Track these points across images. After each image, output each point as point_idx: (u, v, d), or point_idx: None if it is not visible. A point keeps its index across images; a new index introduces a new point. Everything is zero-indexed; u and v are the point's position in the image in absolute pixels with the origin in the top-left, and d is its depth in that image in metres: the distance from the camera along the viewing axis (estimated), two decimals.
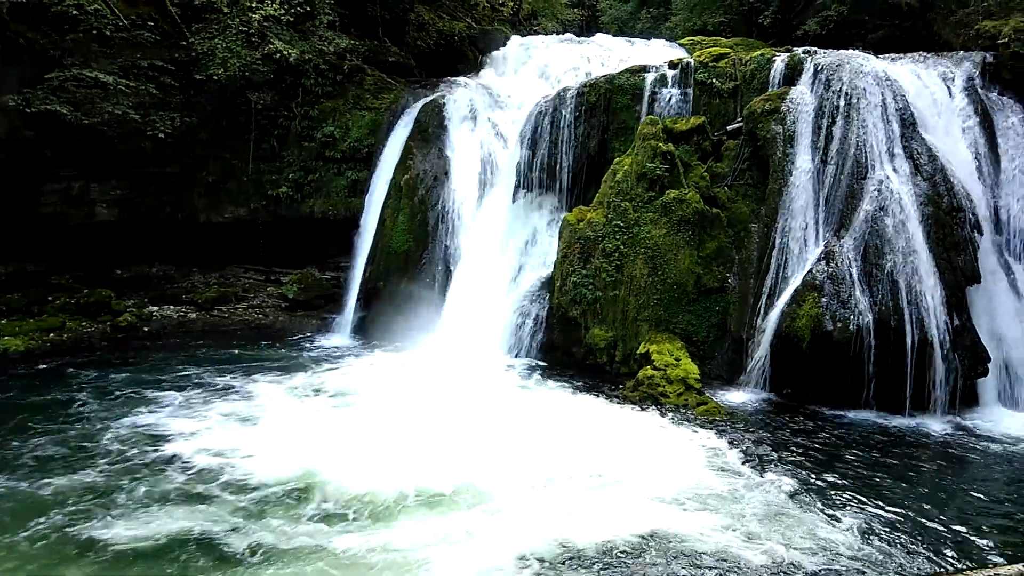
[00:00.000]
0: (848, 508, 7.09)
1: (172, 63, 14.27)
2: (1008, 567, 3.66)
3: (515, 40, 18.39)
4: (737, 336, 11.55)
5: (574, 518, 6.61)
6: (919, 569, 5.93)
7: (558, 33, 20.84)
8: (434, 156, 14.40)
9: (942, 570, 5.89)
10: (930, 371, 10.02)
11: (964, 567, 6.00)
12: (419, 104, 15.06)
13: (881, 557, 6.12)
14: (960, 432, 9.63)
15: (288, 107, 15.57)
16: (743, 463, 8.10)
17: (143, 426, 8.80)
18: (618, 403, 10.26)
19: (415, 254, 13.92)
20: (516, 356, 12.47)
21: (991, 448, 9.11)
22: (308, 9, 15.04)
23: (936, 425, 9.82)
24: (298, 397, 10.16)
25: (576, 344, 12.18)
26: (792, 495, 7.30)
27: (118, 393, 10.01)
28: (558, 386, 11.00)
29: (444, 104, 14.85)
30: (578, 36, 19.10)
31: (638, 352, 11.39)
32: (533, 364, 12.17)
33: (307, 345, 13.30)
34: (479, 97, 15.26)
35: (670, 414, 9.74)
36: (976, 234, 10.80)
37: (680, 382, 10.46)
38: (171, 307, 14.79)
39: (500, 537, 6.28)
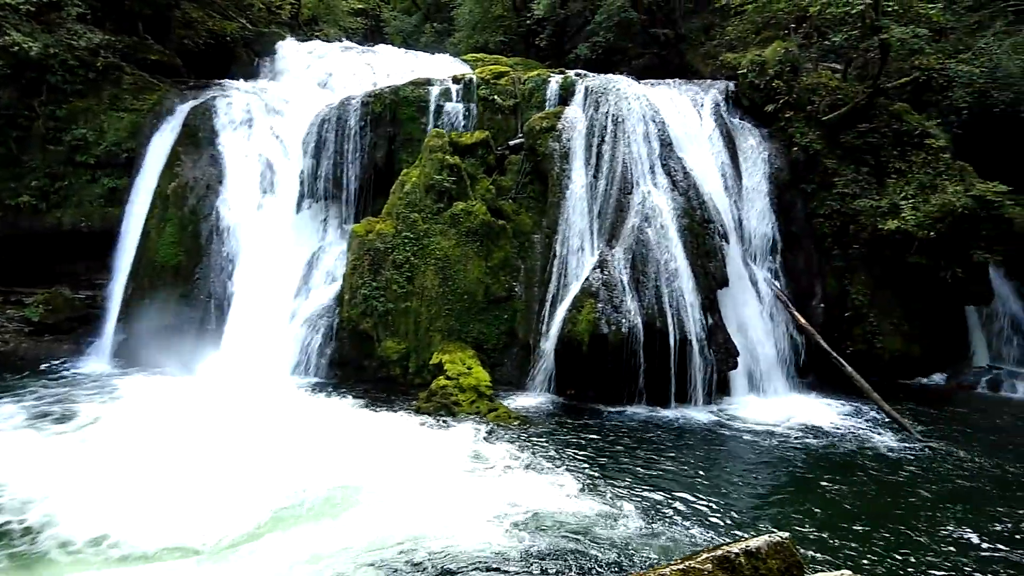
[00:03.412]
0: (627, 496, 7.61)
1: None
2: (757, 539, 4.10)
3: (295, 45, 17.69)
4: (525, 342, 12.00)
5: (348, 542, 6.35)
6: (689, 546, 6.49)
7: (340, 40, 20.40)
8: (206, 163, 13.35)
9: (705, 546, 6.49)
10: (690, 366, 11.11)
11: (723, 542, 6.67)
12: (187, 106, 13.89)
13: (657, 538, 6.64)
14: (716, 420, 10.76)
15: (30, 106, 13.61)
16: (528, 465, 8.37)
17: None
18: (411, 415, 10.17)
19: (186, 269, 12.78)
20: (305, 374, 11.93)
21: (742, 432, 10.28)
22: None
23: (697, 415, 10.88)
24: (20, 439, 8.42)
25: (368, 358, 11.93)
26: (575, 489, 7.68)
27: None
28: (349, 402, 10.65)
29: (217, 107, 13.85)
30: (361, 45, 18.83)
31: (431, 363, 11.41)
32: (323, 381, 11.74)
33: (54, 374, 11.66)
34: (256, 102, 14.43)
35: (462, 422, 9.84)
36: (724, 243, 12.17)
37: (472, 390, 10.63)
38: None
39: None
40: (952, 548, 6.73)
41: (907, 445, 9.79)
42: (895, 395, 11.67)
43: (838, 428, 10.48)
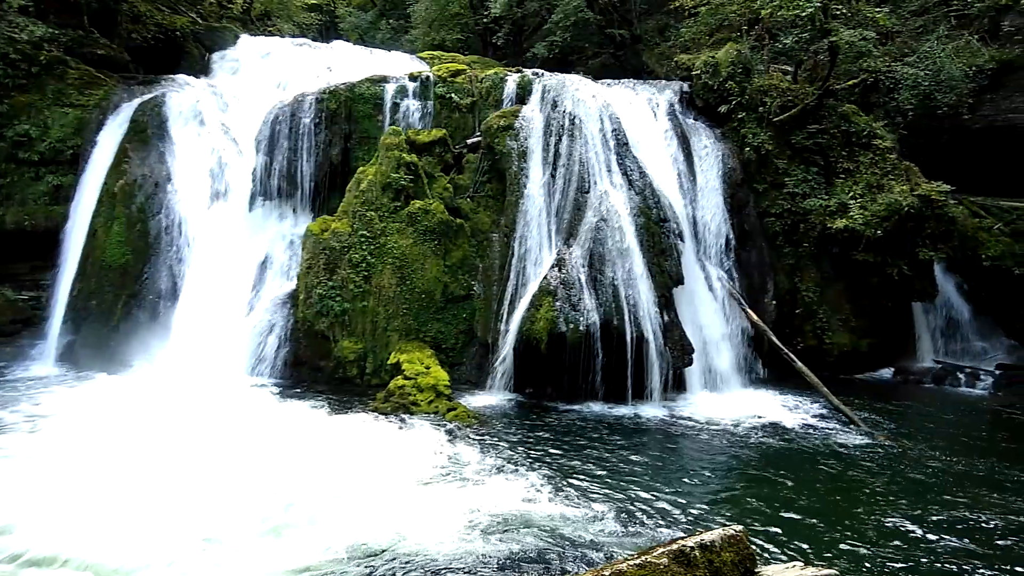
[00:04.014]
0: (588, 494, 7.65)
1: None
2: (711, 532, 4.16)
3: (248, 41, 17.35)
4: (484, 341, 11.98)
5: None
6: (649, 540, 6.55)
7: (295, 36, 20.09)
8: (154, 160, 13.02)
9: (663, 540, 6.56)
10: (646, 364, 11.21)
11: (680, 535, 6.75)
12: (136, 102, 13.52)
13: (619, 533, 6.69)
14: (672, 416, 10.88)
15: None
16: (489, 466, 8.35)
17: None
18: (369, 416, 10.05)
19: (135, 268, 12.45)
20: (259, 375, 11.72)
21: (696, 427, 10.42)
22: None
23: (653, 411, 11.00)
24: None
25: (325, 358, 11.78)
26: (539, 489, 7.69)
27: None
28: (305, 404, 10.49)
29: (166, 103, 13.51)
30: (316, 41, 18.57)
31: (389, 363, 11.33)
32: (278, 382, 11.55)
33: None
34: (208, 98, 14.13)
35: (421, 423, 9.77)
36: (679, 241, 12.33)
37: (431, 390, 10.57)
38: None
39: None
40: (901, 539, 6.92)
41: (856, 440, 10.04)
42: (844, 390, 11.96)
43: (790, 423, 10.68)
